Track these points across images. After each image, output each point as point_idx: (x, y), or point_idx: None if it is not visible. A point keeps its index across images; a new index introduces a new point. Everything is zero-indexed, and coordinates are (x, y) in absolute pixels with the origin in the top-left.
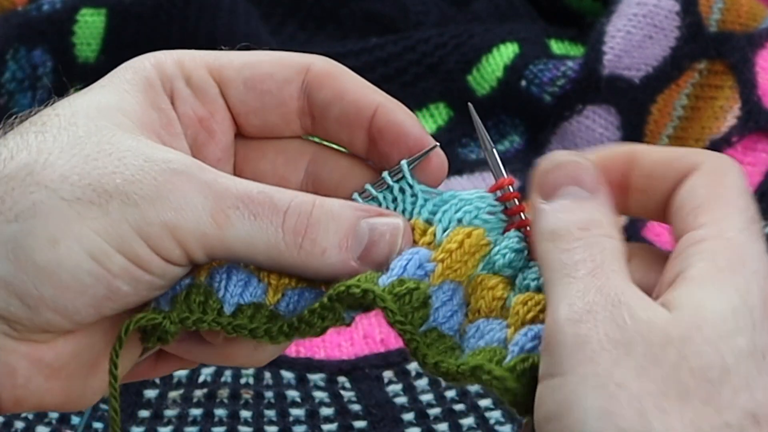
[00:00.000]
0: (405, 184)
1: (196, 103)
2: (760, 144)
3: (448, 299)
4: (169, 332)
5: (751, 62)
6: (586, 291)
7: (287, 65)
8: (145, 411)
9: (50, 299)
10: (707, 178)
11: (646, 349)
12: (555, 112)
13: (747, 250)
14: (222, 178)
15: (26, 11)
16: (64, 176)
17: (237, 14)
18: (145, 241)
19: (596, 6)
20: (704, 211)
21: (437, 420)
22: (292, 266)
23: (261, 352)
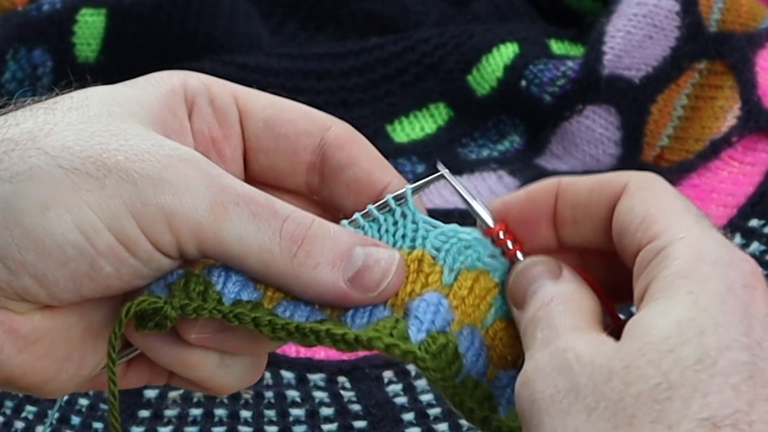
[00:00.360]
0: (407, 210)
1: (214, 123)
2: (760, 144)
3: (470, 344)
4: (169, 318)
5: (751, 62)
6: (540, 358)
7: (311, 118)
8: (145, 411)
9: (31, 265)
10: (639, 194)
11: (593, 387)
12: (555, 112)
13: (702, 243)
14: (228, 176)
15: (26, 11)
16: (66, 146)
17: (237, 14)
18: (137, 221)
19: (596, 6)
20: (650, 224)
21: (437, 420)
22: (282, 274)
23: (226, 370)
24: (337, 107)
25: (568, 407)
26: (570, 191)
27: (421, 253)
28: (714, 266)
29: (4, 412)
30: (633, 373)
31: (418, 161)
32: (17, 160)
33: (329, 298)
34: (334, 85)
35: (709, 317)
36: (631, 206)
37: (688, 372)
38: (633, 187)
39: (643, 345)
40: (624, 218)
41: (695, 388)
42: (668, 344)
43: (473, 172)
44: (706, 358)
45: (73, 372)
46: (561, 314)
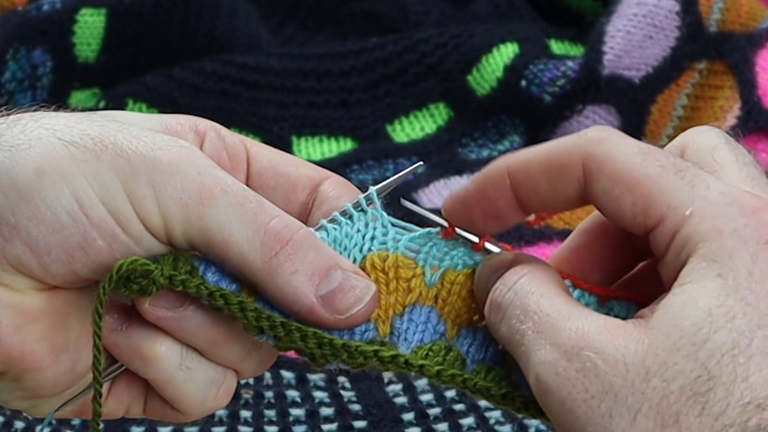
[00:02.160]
0: (376, 213)
1: (224, 156)
2: (760, 144)
3: (473, 339)
4: (156, 283)
5: (751, 62)
6: (546, 357)
7: (313, 167)
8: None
9: (24, 230)
10: (608, 173)
11: (631, 388)
12: (555, 112)
13: (714, 212)
14: (222, 170)
15: (26, 11)
16: (68, 125)
17: (237, 14)
18: (129, 197)
19: (596, 6)
20: (646, 207)
21: (437, 420)
22: (258, 271)
23: (187, 374)
24: (337, 107)
25: (609, 411)
26: (524, 180)
27: (395, 258)
28: (733, 235)
29: (5, 412)
30: (671, 369)
31: (418, 161)
32: (18, 133)
33: (296, 308)
34: (334, 85)
35: (738, 299)
36: (609, 191)
37: (725, 359)
38: (593, 167)
39: (677, 339)
40: (610, 206)
41: (735, 373)
42: (702, 335)
43: (473, 172)
44: (741, 341)
45: (69, 365)
46: (530, 293)
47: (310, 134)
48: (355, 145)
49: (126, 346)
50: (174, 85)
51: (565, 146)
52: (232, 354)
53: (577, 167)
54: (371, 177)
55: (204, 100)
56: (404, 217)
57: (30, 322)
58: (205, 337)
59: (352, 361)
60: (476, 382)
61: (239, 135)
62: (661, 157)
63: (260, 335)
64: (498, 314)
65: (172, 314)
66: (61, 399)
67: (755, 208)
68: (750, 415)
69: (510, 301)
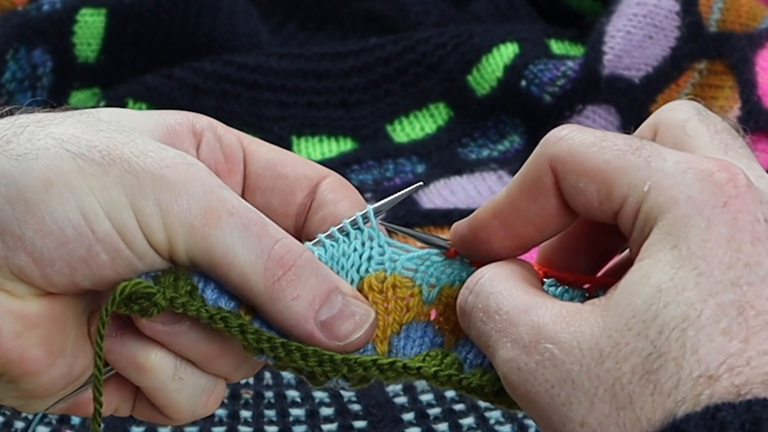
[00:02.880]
0: (373, 233)
1: (220, 157)
2: (760, 144)
3: (471, 347)
4: (157, 306)
5: (751, 62)
6: (507, 355)
7: (311, 166)
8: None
9: (29, 241)
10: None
11: (587, 373)
12: (555, 112)
13: (669, 181)
14: (228, 189)
15: (26, 11)
16: (75, 135)
17: (237, 14)
18: (135, 214)
19: (596, 6)
20: (608, 192)
21: (437, 420)
22: (260, 294)
23: (179, 384)
24: (337, 107)
25: (568, 398)
26: (512, 214)
27: (394, 278)
28: (689, 203)
29: (4, 412)
30: (623, 350)
31: (418, 161)
32: (25, 142)
33: (295, 332)
34: (334, 85)
35: (690, 269)
36: (575, 185)
37: (674, 333)
38: (559, 166)
39: (629, 319)
40: (579, 200)
41: (684, 347)
42: (651, 312)
43: (473, 172)
44: (691, 313)
45: (65, 369)
46: (490, 294)
47: (310, 134)
48: (355, 145)
49: (120, 353)
50: (174, 85)
51: (533, 158)
52: (226, 366)
53: (547, 173)
54: (371, 177)
55: (204, 100)
56: (405, 216)
57: (29, 328)
58: (200, 352)
59: (352, 374)
60: (471, 381)
61: (236, 132)
62: (617, 141)
63: (260, 355)
64: (465, 319)
65: (168, 329)
66: (54, 398)
67: (711, 171)
68: (702, 388)
69: (473, 304)
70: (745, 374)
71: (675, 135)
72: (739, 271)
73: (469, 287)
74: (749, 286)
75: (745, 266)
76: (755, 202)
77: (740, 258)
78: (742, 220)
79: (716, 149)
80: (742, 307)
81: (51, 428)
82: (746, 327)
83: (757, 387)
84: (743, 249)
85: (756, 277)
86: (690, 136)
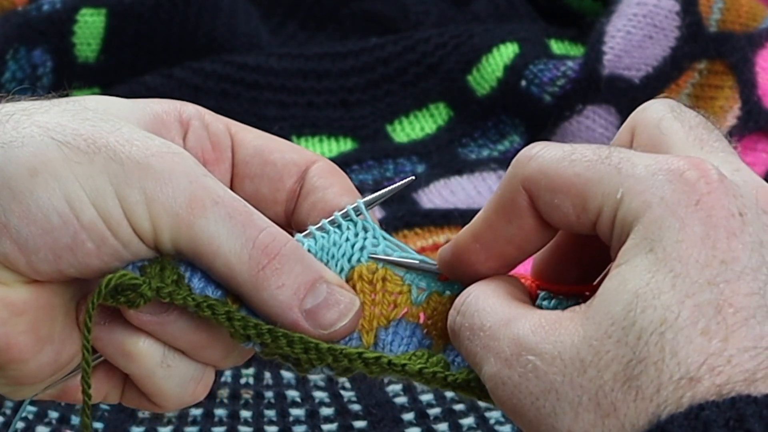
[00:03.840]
0: (367, 224)
1: (207, 146)
2: (760, 144)
3: (456, 354)
4: (144, 297)
5: (751, 62)
6: (490, 370)
7: (298, 151)
8: (145, 411)
9: (14, 229)
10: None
11: (570, 383)
12: (555, 112)
13: (641, 185)
14: (213, 179)
15: (26, 11)
16: (60, 123)
17: (237, 14)
18: (120, 202)
19: (596, 6)
20: (583, 205)
21: (437, 420)
22: (244, 283)
23: (167, 371)
24: (337, 107)
25: (553, 409)
26: (491, 237)
27: (385, 271)
28: (661, 204)
29: (4, 412)
30: (604, 358)
31: (418, 161)
32: (11, 130)
33: (279, 320)
34: (334, 85)
35: (666, 272)
36: (550, 203)
37: (653, 337)
38: (532, 187)
39: (608, 326)
40: (557, 216)
41: (663, 351)
42: (630, 318)
43: (473, 172)
44: (668, 316)
45: (53, 356)
46: (475, 312)
47: (310, 134)
48: (355, 145)
49: (108, 340)
50: (174, 85)
51: (506, 181)
52: (215, 354)
53: (522, 194)
54: (371, 177)
55: (204, 100)
56: (405, 216)
57: (16, 315)
58: (189, 340)
59: (336, 364)
60: (457, 377)
61: (224, 119)
62: (586, 153)
63: (246, 342)
64: (455, 340)
65: (156, 319)
66: (42, 384)
67: (681, 171)
68: (684, 390)
69: (460, 324)
70: (726, 373)
71: (650, 134)
72: (716, 269)
73: (456, 308)
74: (726, 284)
75: (721, 263)
76: (729, 196)
77: (716, 255)
78: (716, 217)
79: (691, 145)
80: (719, 306)
81: (51, 428)
82: (725, 325)
83: (739, 384)
84: (719, 246)
85: (733, 274)
86: (664, 134)
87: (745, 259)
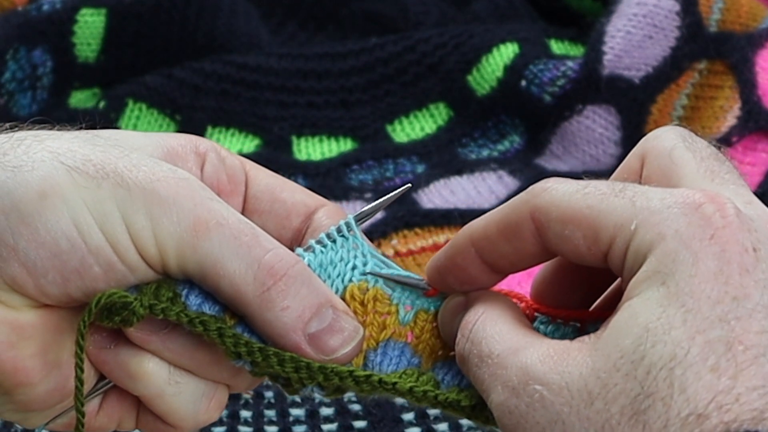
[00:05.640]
0: (357, 241)
1: (223, 177)
2: (760, 144)
3: (448, 370)
4: (136, 314)
5: (751, 62)
6: (498, 399)
7: (309, 194)
8: None
9: (23, 251)
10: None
11: (577, 414)
12: (555, 112)
13: (656, 219)
14: (220, 201)
15: (26, 11)
16: (71, 149)
17: (237, 14)
18: (127, 227)
19: (596, 6)
20: (595, 236)
21: (437, 420)
22: (249, 304)
23: (176, 388)
24: (337, 107)
25: None
26: (487, 246)
27: (375, 291)
28: (676, 237)
29: None
30: (612, 391)
31: (418, 161)
32: (22, 155)
33: (281, 343)
34: (334, 85)
35: (678, 307)
36: (560, 234)
37: (662, 373)
38: (542, 217)
39: (617, 359)
40: (567, 248)
41: (672, 387)
42: (639, 352)
43: (473, 172)
44: (678, 352)
45: (61, 382)
46: (487, 337)
47: (310, 134)
48: (355, 145)
49: (114, 363)
50: (174, 85)
51: (514, 205)
52: (222, 372)
53: (528, 222)
54: (371, 177)
55: (204, 100)
56: (405, 216)
57: (24, 339)
58: (193, 358)
59: (327, 383)
60: (447, 396)
61: (238, 156)
62: (600, 186)
63: (238, 360)
64: (464, 365)
65: (156, 337)
66: (53, 412)
67: (697, 204)
68: (692, 427)
69: (468, 351)
70: (734, 411)
71: (661, 163)
72: (727, 306)
73: (464, 334)
74: (737, 321)
75: (733, 300)
76: (743, 231)
77: (728, 291)
78: (730, 252)
79: (702, 177)
80: (730, 343)
81: None
82: (734, 363)
83: (747, 423)
84: (731, 282)
85: (744, 311)
86: (676, 164)
87: (757, 297)
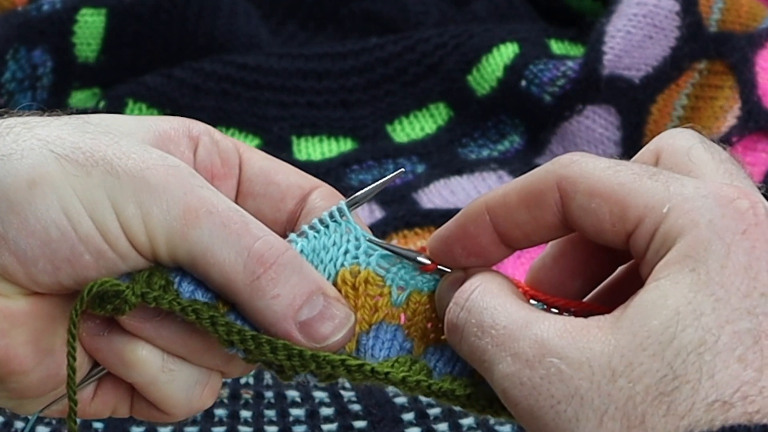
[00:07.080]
0: (350, 226)
1: (217, 160)
2: (760, 144)
3: (441, 356)
4: (128, 303)
5: (751, 62)
6: (507, 370)
7: (303, 176)
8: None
9: (13, 240)
10: (583, 189)
11: (597, 390)
12: (555, 112)
13: (690, 206)
14: (210, 189)
15: (26, 11)
16: (60, 137)
17: (237, 14)
18: (117, 216)
19: (596, 6)
20: (623, 212)
21: (437, 420)
22: (239, 292)
23: (170, 376)
24: (337, 107)
25: (575, 414)
26: (503, 214)
27: (367, 273)
28: (709, 227)
29: (4, 412)
30: (637, 369)
31: (418, 161)
32: (11, 143)
33: (272, 331)
34: (334, 85)
35: (708, 295)
36: (585, 206)
37: (691, 357)
38: (568, 187)
39: (644, 339)
40: (589, 221)
41: (701, 372)
42: (668, 334)
43: (473, 172)
44: (708, 339)
45: (54, 369)
46: (483, 309)
47: (310, 134)
48: (355, 145)
49: (108, 351)
50: (174, 85)
51: (540, 173)
52: (215, 359)
53: (552, 191)
54: (371, 177)
55: (204, 100)
56: (405, 216)
57: (16, 326)
58: (186, 345)
59: (320, 371)
60: (441, 386)
61: (232, 139)
62: (633, 167)
63: (230, 348)
64: (456, 335)
65: (149, 325)
66: (47, 399)
67: (732, 198)
68: (716, 414)
69: (465, 320)
70: (758, 403)
71: (679, 161)
72: (756, 300)
73: (459, 304)
74: (765, 316)
75: (761, 296)
76: None
77: (756, 287)
78: (760, 249)
79: (721, 177)
80: (757, 336)
81: (51, 428)
82: (761, 356)
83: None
84: (760, 278)
85: None
86: (695, 163)
87: None
